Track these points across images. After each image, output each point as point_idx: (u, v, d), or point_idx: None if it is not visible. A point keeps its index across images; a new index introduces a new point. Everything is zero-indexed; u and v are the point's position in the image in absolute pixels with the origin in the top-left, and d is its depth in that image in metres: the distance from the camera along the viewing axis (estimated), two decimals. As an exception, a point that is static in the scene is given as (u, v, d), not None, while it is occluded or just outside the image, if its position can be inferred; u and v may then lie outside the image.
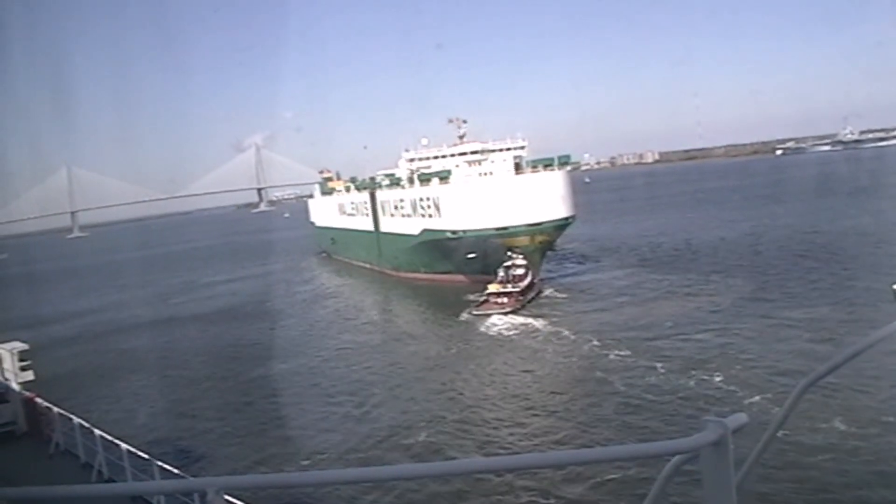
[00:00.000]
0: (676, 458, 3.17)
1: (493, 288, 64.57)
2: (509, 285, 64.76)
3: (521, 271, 67.30)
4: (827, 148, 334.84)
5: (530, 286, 66.86)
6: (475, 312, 62.21)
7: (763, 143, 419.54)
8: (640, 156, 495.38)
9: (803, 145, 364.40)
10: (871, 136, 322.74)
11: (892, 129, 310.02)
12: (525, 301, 63.46)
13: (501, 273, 66.69)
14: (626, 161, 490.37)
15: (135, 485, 14.44)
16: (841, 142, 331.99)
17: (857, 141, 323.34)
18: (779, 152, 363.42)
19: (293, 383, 46.93)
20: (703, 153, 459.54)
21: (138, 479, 20.30)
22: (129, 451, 21.09)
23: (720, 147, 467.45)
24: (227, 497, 3.40)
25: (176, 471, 21.28)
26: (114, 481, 20.86)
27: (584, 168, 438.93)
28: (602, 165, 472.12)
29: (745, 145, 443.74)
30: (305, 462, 32.49)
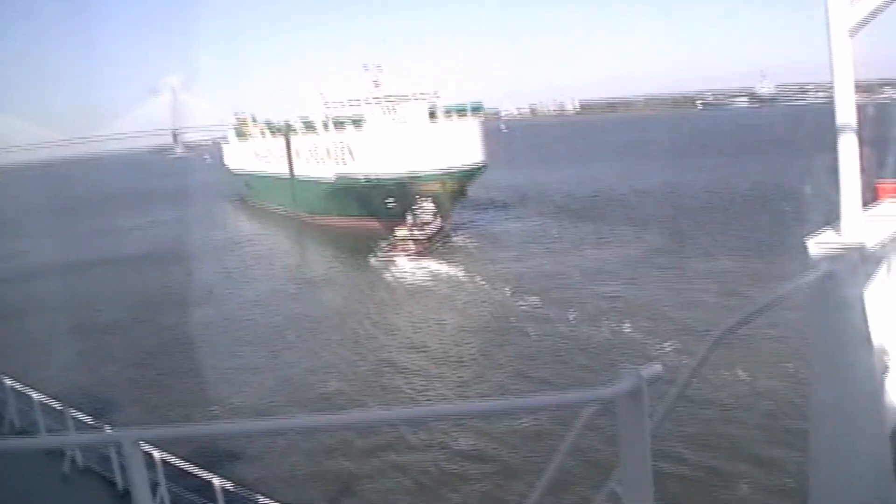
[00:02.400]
0: (590, 408, 3.22)
1: (400, 233, 65.58)
2: (416, 230, 65.85)
3: (429, 217, 68.44)
4: (744, 102, 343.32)
5: (438, 231, 68.08)
6: (382, 257, 63.21)
7: (683, 95, 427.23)
8: (561, 105, 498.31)
9: (722, 99, 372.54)
10: (786, 91, 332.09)
11: (807, 85, 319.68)
12: (432, 246, 64.64)
13: (410, 218, 67.73)
14: (547, 110, 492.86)
15: (49, 438, 14.14)
16: (758, 96, 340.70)
17: (773, 96, 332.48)
18: (699, 106, 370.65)
19: (207, 330, 46.40)
20: (623, 104, 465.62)
21: (52, 431, 19.83)
22: (41, 401, 20.57)
23: (641, 99, 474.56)
24: (143, 447, 3.30)
25: (91, 420, 20.83)
26: (28, 433, 20.51)
27: (504, 116, 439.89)
28: (523, 114, 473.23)
29: (665, 97, 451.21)
30: (214, 409, 32.35)
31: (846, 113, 4.80)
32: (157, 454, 15.46)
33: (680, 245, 56.99)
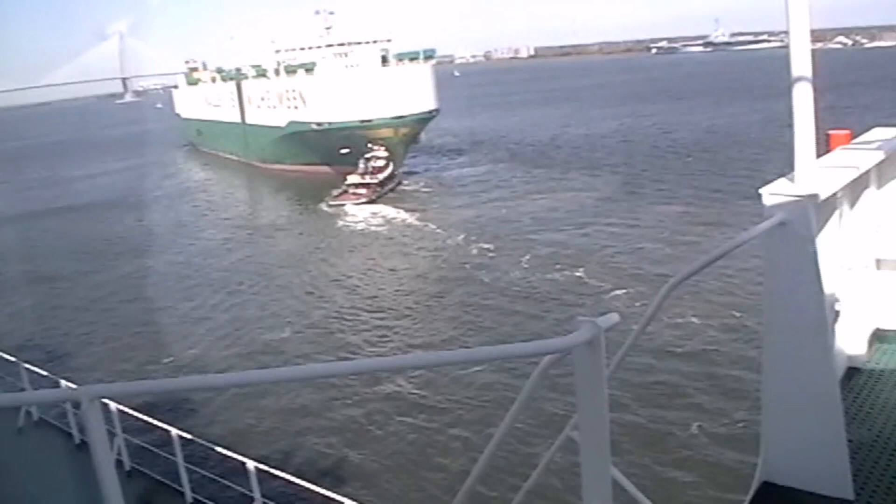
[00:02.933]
0: (548, 357, 3.19)
1: (351, 179, 66.00)
2: (367, 177, 66.30)
3: (381, 163, 68.79)
4: (699, 49, 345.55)
5: (390, 178, 68.51)
6: (332, 203, 63.76)
7: (637, 41, 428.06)
8: (516, 51, 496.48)
9: (676, 45, 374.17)
10: (741, 38, 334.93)
11: (761, 34, 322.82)
12: (382, 192, 65.20)
13: (361, 164, 68.08)
14: (500, 56, 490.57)
15: (5, 396, 13.09)
16: (712, 43, 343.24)
17: (727, 43, 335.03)
18: (653, 51, 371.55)
19: (159, 280, 46.13)
20: (577, 49, 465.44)
21: (4, 384, 19.82)
22: None
23: (595, 44, 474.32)
24: (103, 403, 3.31)
25: (45, 373, 20.51)
26: None
27: (458, 62, 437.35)
28: (476, 60, 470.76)
29: (619, 43, 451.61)
30: (167, 360, 32.24)
31: (802, 63, 4.80)
32: (113, 405, 15.47)
33: (631, 192, 57.47)
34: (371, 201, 62.75)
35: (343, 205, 62.58)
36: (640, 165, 68.76)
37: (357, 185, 65.22)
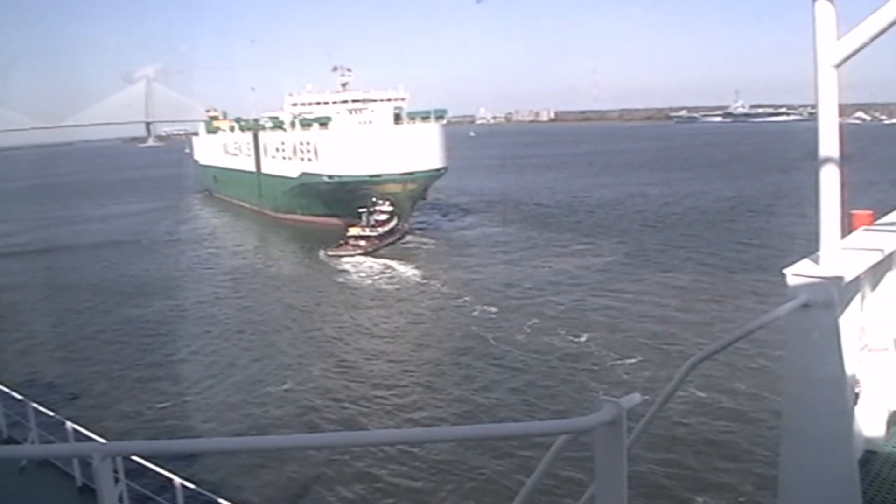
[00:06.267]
0: (564, 436, 3.15)
1: (353, 231, 67.79)
2: (368, 229, 68.06)
3: (384, 217, 70.86)
4: (718, 119, 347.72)
5: (391, 231, 70.47)
6: (330, 253, 65.25)
7: (658, 109, 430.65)
8: (536, 113, 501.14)
9: (696, 115, 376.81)
10: (760, 110, 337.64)
11: (781, 106, 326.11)
12: (381, 245, 66.78)
13: (364, 217, 69.91)
14: (521, 118, 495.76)
15: (15, 448, 13.58)
16: (731, 114, 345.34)
17: (746, 114, 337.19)
18: (674, 121, 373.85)
19: (163, 324, 46.63)
20: (598, 115, 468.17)
21: (11, 423, 19.72)
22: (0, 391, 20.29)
23: (615, 111, 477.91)
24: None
25: (51, 414, 20.45)
26: None
27: (479, 122, 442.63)
28: (497, 121, 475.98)
29: (639, 110, 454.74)
30: (164, 405, 32.56)
31: (830, 144, 4.80)
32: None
33: (638, 258, 57.28)
34: (367, 253, 64.19)
35: (340, 256, 64.08)
36: (650, 233, 68.76)
37: (357, 237, 66.90)
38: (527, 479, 3.50)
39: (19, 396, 20.33)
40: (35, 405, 19.54)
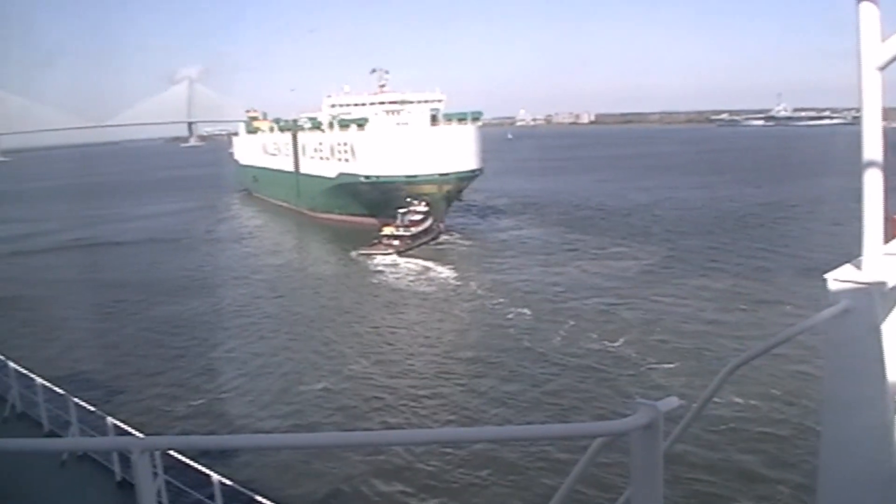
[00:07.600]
0: (600, 439, 3.15)
1: (387, 230, 68.44)
2: (401, 229, 68.62)
3: (418, 217, 71.35)
4: (760, 122, 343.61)
5: (426, 231, 70.90)
6: (362, 252, 65.84)
7: (699, 112, 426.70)
8: (577, 116, 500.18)
9: (737, 118, 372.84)
10: (803, 114, 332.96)
11: (824, 109, 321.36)
12: (414, 245, 67.24)
13: (399, 217, 70.60)
14: (561, 120, 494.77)
15: (55, 441, 13.83)
16: (774, 117, 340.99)
17: (789, 118, 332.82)
18: (716, 124, 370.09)
19: (201, 321, 47.33)
20: (639, 117, 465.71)
21: (53, 417, 19.93)
22: (43, 385, 20.47)
23: (656, 113, 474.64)
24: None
25: (92, 408, 20.52)
26: (28, 417, 20.47)
27: (519, 124, 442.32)
28: (537, 123, 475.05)
29: (680, 113, 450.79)
30: (200, 401, 33.02)
31: (873, 148, 4.73)
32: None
33: (677, 262, 56.86)
34: (400, 253, 64.68)
35: (372, 255, 64.66)
36: (690, 237, 68.16)
37: (390, 237, 67.46)
38: (563, 481, 3.52)
39: (61, 391, 20.33)
40: (76, 400, 19.62)
